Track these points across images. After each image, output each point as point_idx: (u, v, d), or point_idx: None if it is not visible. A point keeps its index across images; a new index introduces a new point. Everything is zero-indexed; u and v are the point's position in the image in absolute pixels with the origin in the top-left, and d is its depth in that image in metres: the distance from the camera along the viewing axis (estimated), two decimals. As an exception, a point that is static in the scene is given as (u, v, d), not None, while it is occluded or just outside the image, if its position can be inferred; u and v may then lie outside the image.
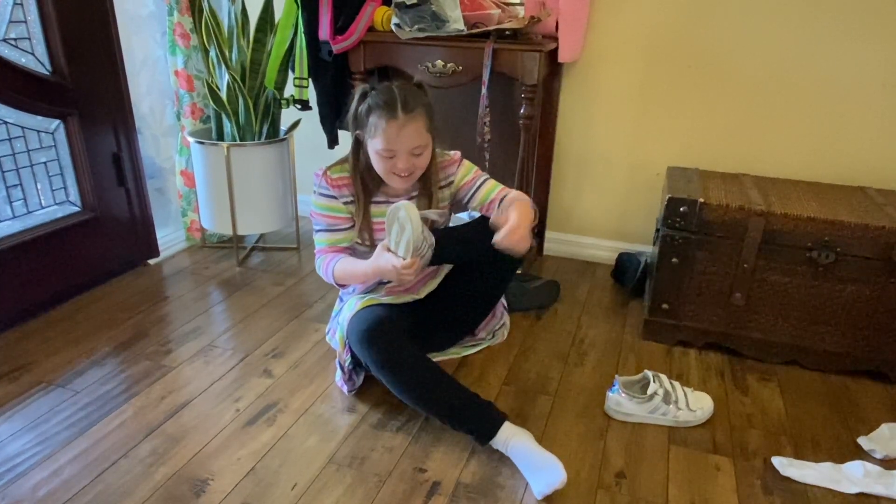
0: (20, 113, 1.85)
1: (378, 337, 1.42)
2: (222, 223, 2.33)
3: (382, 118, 1.42)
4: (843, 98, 1.98)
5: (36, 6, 1.84)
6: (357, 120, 1.49)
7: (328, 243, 1.57)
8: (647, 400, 1.51)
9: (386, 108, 1.42)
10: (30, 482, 1.31)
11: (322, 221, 1.57)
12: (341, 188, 1.55)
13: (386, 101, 1.42)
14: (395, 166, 1.47)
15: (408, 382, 1.42)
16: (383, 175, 1.51)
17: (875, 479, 1.36)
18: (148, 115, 2.30)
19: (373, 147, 1.47)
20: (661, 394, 1.52)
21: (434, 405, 1.42)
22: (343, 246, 1.58)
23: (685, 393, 1.55)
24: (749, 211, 1.68)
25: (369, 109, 1.45)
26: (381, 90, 1.46)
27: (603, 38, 2.15)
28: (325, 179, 1.54)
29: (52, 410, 1.53)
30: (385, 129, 1.42)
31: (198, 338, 1.85)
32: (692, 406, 1.53)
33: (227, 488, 1.30)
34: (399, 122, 1.42)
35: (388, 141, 1.43)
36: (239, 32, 2.19)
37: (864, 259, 1.63)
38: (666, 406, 1.51)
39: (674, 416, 1.52)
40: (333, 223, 1.57)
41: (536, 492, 1.30)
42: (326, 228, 1.57)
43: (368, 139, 1.47)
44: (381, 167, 1.49)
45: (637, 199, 2.32)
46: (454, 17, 1.87)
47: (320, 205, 1.56)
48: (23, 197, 1.92)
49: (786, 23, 1.96)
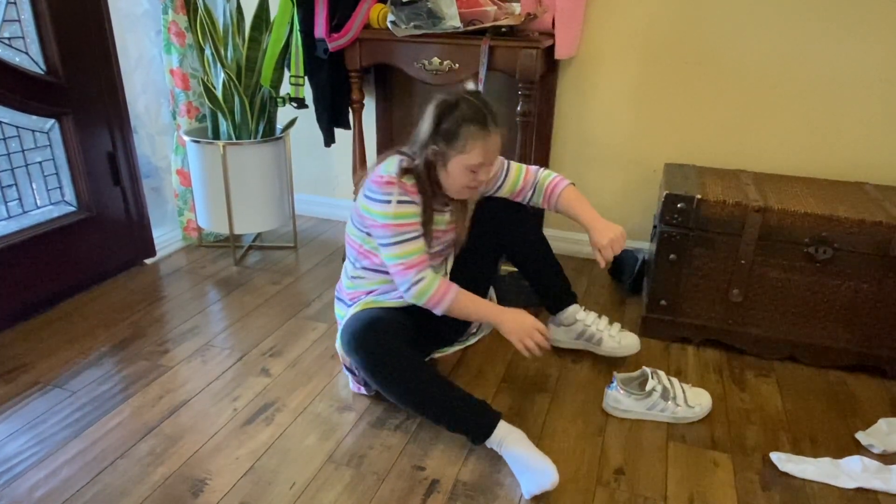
0: (15, 112, 1.85)
1: (365, 340, 1.39)
2: (219, 222, 2.32)
3: (479, 132, 1.39)
4: (840, 94, 1.98)
5: (29, 5, 1.83)
6: (441, 134, 1.41)
7: (420, 252, 1.43)
8: (646, 396, 1.52)
9: (482, 122, 1.39)
10: (27, 483, 1.30)
11: (410, 230, 1.42)
12: (415, 195, 1.45)
13: (479, 114, 1.39)
14: (476, 179, 1.45)
15: (398, 386, 1.39)
16: (457, 189, 1.47)
17: (873, 473, 1.36)
18: (143, 114, 2.29)
19: (462, 162, 1.41)
20: (660, 390, 1.52)
21: (426, 408, 1.40)
22: (425, 257, 1.45)
23: (683, 389, 1.55)
24: (746, 207, 1.68)
25: (461, 123, 1.39)
26: (468, 104, 1.40)
27: (600, 34, 2.15)
28: (402, 187, 1.41)
29: (50, 411, 1.52)
30: (484, 142, 1.40)
31: (195, 337, 1.85)
32: (690, 402, 1.53)
33: (226, 488, 1.30)
34: (492, 136, 1.40)
35: (483, 155, 1.40)
36: (234, 30, 2.18)
37: (861, 255, 1.63)
38: (664, 402, 1.52)
39: (672, 412, 1.52)
40: (419, 230, 1.44)
41: (526, 492, 1.29)
42: (416, 235, 1.43)
43: (455, 154, 1.41)
44: (460, 181, 1.44)
45: (634, 196, 2.32)
46: (450, 14, 1.86)
47: (406, 213, 1.41)
48: (18, 197, 1.91)
49: (783, 18, 1.96)
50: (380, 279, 1.53)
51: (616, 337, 1.75)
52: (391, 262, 1.42)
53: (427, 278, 1.42)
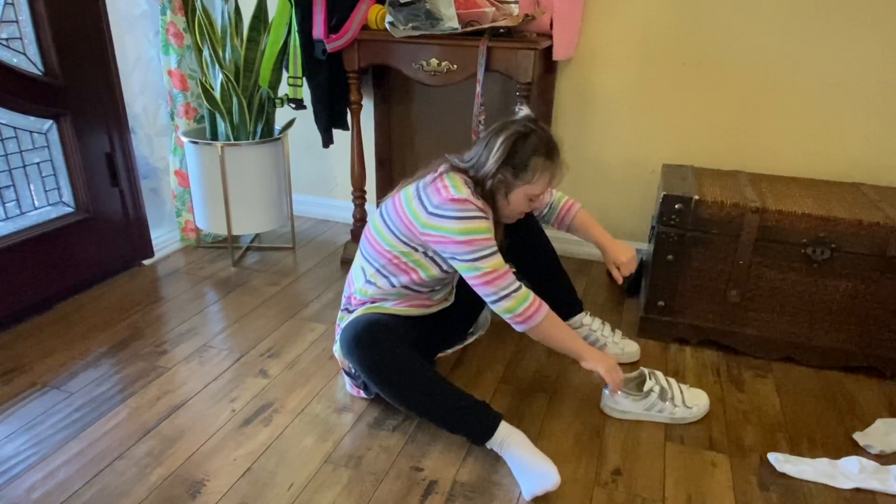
0: (12, 113, 1.84)
1: (364, 342, 1.38)
2: (217, 223, 2.32)
3: (549, 164, 1.41)
4: (837, 95, 1.99)
5: (27, 6, 1.83)
6: (512, 165, 1.41)
7: (503, 265, 1.40)
8: (644, 397, 1.52)
9: (551, 154, 1.42)
10: (24, 484, 1.30)
11: (489, 245, 1.39)
12: (487, 212, 1.44)
13: (550, 146, 1.41)
14: (531, 206, 1.49)
15: (397, 387, 1.38)
16: (513, 216, 1.51)
17: (871, 474, 1.36)
18: (141, 115, 2.29)
19: (527, 191, 1.43)
20: (657, 391, 1.52)
21: (427, 409, 1.39)
22: (510, 269, 1.44)
23: (681, 390, 1.55)
24: (744, 208, 1.68)
25: (532, 154, 1.40)
26: (538, 135, 1.41)
27: (598, 35, 2.15)
28: (473, 204, 1.38)
29: (47, 412, 1.52)
30: (552, 174, 1.43)
31: (193, 338, 1.84)
32: (688, 403, 1.53)
33: (224, 489, 1.30)
34: (560, 167, 1.44)
35: (546, 185, 1.44)
36: (232, 31, 2.18)
37: (859, 255, 1.63)
38: (662, 403, 1.52)
39: (670, 413, 1.52)
40: (495, 244, 1.41)
41: (526, 493, 1.29)
42: (495, 250, 1.41)
43: (523, 184, 1.42)
44: (520, 209, 1.48)
45: (632, 197, 2.32)
46: (448, 15, 1.87)
47: (482, 228, 1.38)
48: (16, 198, 1.91)
49: (781, 19, 1.96)
50: (402, 291, 1.51)
51: (619, 344, 1.76)
52: (473, 274, 1.38)
53: (520, 292, 1.39)
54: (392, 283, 1.50)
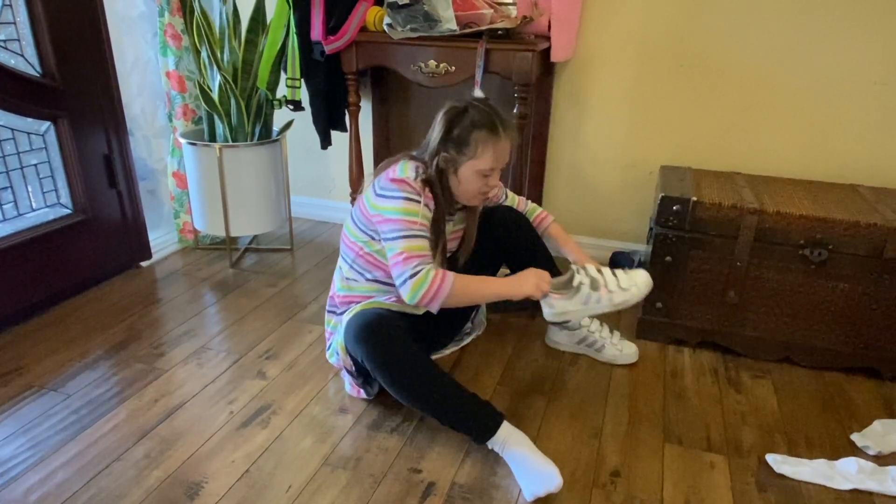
0: (10, 115, 1.84)
1: (375, 333, 1.39)
2: (215, 225, 2.32)
3: (491, 137, 1.41)
4: (835, 96, 1.99)
5: (25, 8, 1.82)
6: (451, 140, 1.43)
7: (424, 249, 1.41)
8: (576, 292, 1.47)
9: (493, 128, 1.41)
10: (22, 487, 1.30)
11: (418, 229, 1.40)
12: (430, 201, 1.46)
13: (490, 120, 1.41)
14: (487, 184, 1.47)
15: (405, 380, 1.38)
16: (469, 196, 1.49)
17: (868, 475, 1.36)
18: (139, 117, 2.29)
19: (474, 167, 1.43)
20: (588, 282, 1.48)
21: (432, 404, 1.39)
22: (429, 255, 1.42)
23: (615, 275, 1.50)
24: (742, 209, 1.68)
25: (472, 128, 1.41)
26: (478, 110, 1.43)
27: (595, 37, 2.16)
28: (411, 186, 1.41)
29: (45, 414, 1.52)
30: (495, 147, 1.42)
31: (191, 340, 1.84)
32: (623, 285, 1.48)
33: (222, 491, 1.30)
34: (503, 140, 1.43)
35: (495, 160, 1.43)
36: (230, 33, 2.18)
37: (856, 256, 1.64)
38: (596, 293, 1.47)
39: (608, 300, 1.48)
40: (423, 230, 1.42)
41: (528, 493, 1.29)
42: (422, 235, 1.42)
43: (467, 160, 1.43)
44: (473, 187, 1.46)
45: (630, 198, 2.32)
46: (446, 16, 1.87)
47: (415, 210, 1.40)
48: (13, 199, 1.91)
49: (778, 21, 1.97)
50: (375, 287, 1.53)
51: (618, 345, 1.76)
52: (392, 253, 1.40)
53: (424, 269, 1.38)
54: (366, 277, 1.52)
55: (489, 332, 1.90)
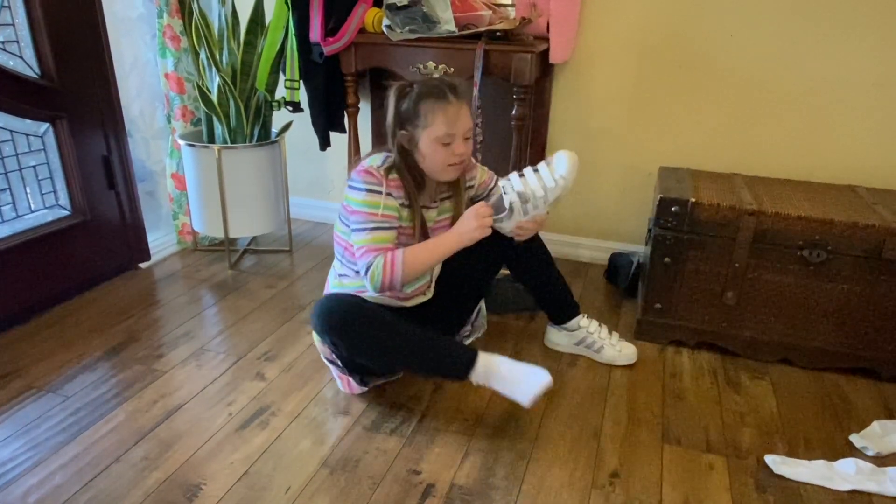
0: (9, 116, 1.84)
1: (333, 305, 1.43)
2: (214, 226, 2.32)
3: (439, 103, 1.42)
4: (833, 98, 2.00)
5: (24, 9, 1.82)
6: (402, 116, 1.45)
7: (388, 241, 1.44)
8: (511, 212, 1.49)
9: (439, 94, 1.42)
10: (20, 489, 1.30)
11: (380, 220, 1.44)
12: (397, 189, 1.48)
13: (436, 88, 1.43)
14: (453, 152, 1.45)
15: (369, 337, 1.40)
16: (437, 168, 1.48)
17: (867, 475, 1.36)
18: (138, 118, 2.29)
19: (430, 136, 1.43)
20: (517, 198, 1.49)
21: (404, 355, 1.42)
22: (391, 243, 1.45)
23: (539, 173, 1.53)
24: (740, 210, 1.68)
25: (419, 99, 1.43)
26: (423, 82, 1.46)
27: (594, 38, 2.16)
28: (374, 176, 1.44)
29: (43, 416, 1.51)
30: (444, 111, 1.42)
31: (190, 341, 1.84)
32: (548, 183, 1.50)
33: (220, 493, 1.30)
34: (454, 104, 1.43)
35: (448, 124, 1.42)
36: (229, 34, 2.18)
37: (854, 257, 1.64)
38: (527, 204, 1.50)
39: (544, 203, 1.50)
40: (387, 221, 1.45)
41: (525, 400, 1.31)
42: (388, 227, 1.45)
43: (423, 131, 1.43)
44: (438, 158, 1.45)
45: (629, 200, 2.33)
46: (445, 18, 1.87)
47: (376, 202, 1.43)
48: (12, 201, 1.91)
49: (777, 22, 1.97)
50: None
51: (617, 346, 1.77)
52: (357, 245, 1.44)
53: (376, 260, 1.41)
54: (355, 271, 1.53)
55: (488, 333, 1.90)
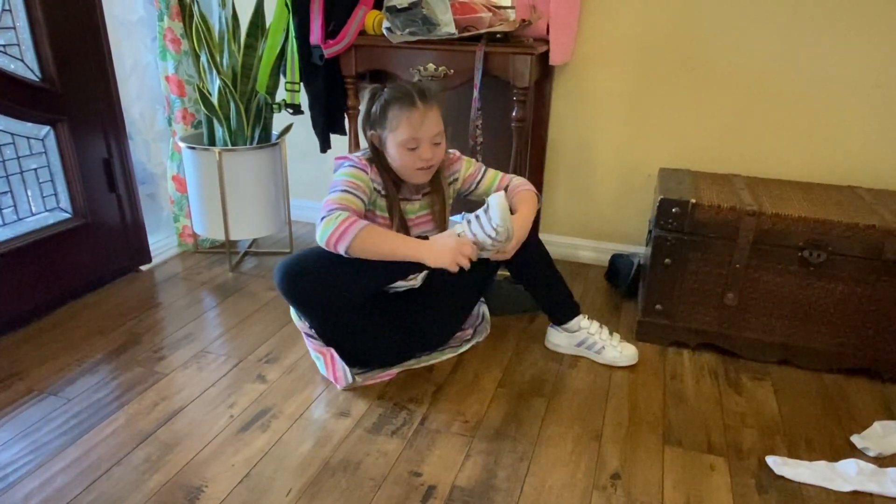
0: (10, 119, 1.84)
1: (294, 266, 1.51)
2: (214, 228, 2.32)
3: (404, 109, 1.45)
4: (833, 98, 2.00)
5: (25, 12, 1.83)
6: (372, 119, 1.50)
7: (354, 205, 1.47)
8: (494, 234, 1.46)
9: (406, 99, 1.45)
10: (22, 491, 1.30)
11: (351, 186, 1.48)
12: (377, 176, 1.53)
13: (403, 93, 1.46)
14: (420, 157, 1.48)
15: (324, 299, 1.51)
16: (406, 171, 1.52)
17: (868, 476, 1.36)
18: (139, 121, 2.29)
19: (395, 140, 1.47)
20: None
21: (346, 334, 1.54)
22: (356, 208, 1.47)
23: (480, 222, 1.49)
24: (741, 211, 1.69)
25: (386, 104, 1.47)
26: (393, 86, 1.49)
27: (594, 40, 2.16)
28: (359, 161, 1.52)
29: (44, 418, 1.52)
30: (409, 117, 1.45)
31: (191, 344, 1.84)
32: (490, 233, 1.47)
33: (222, 495, 1.30)
34: (420, 110, 1.46)
35: (412, 129, 1.45)
36: (230, 37, 2.18)
37: (855, 258, 1.64)
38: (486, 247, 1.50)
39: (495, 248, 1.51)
40: (357, 187, 1.48)
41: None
42: (356, 193, 1.48)
43: (389, 134, 1.48)
44: (404, 162, 1.49)
45: (629, 201, 2.33)
46: (445, 20, 1.87)
47: (356, 174, 1.49)
48: (13, 204, 1.91)
49: (777, 23, 1.97)
50: None
51: (617, 347, 1.77)
52: (326, 199, 1.47)
53: (337, 212, 1.42)
54: None
55: (489, 334, 1.90)
